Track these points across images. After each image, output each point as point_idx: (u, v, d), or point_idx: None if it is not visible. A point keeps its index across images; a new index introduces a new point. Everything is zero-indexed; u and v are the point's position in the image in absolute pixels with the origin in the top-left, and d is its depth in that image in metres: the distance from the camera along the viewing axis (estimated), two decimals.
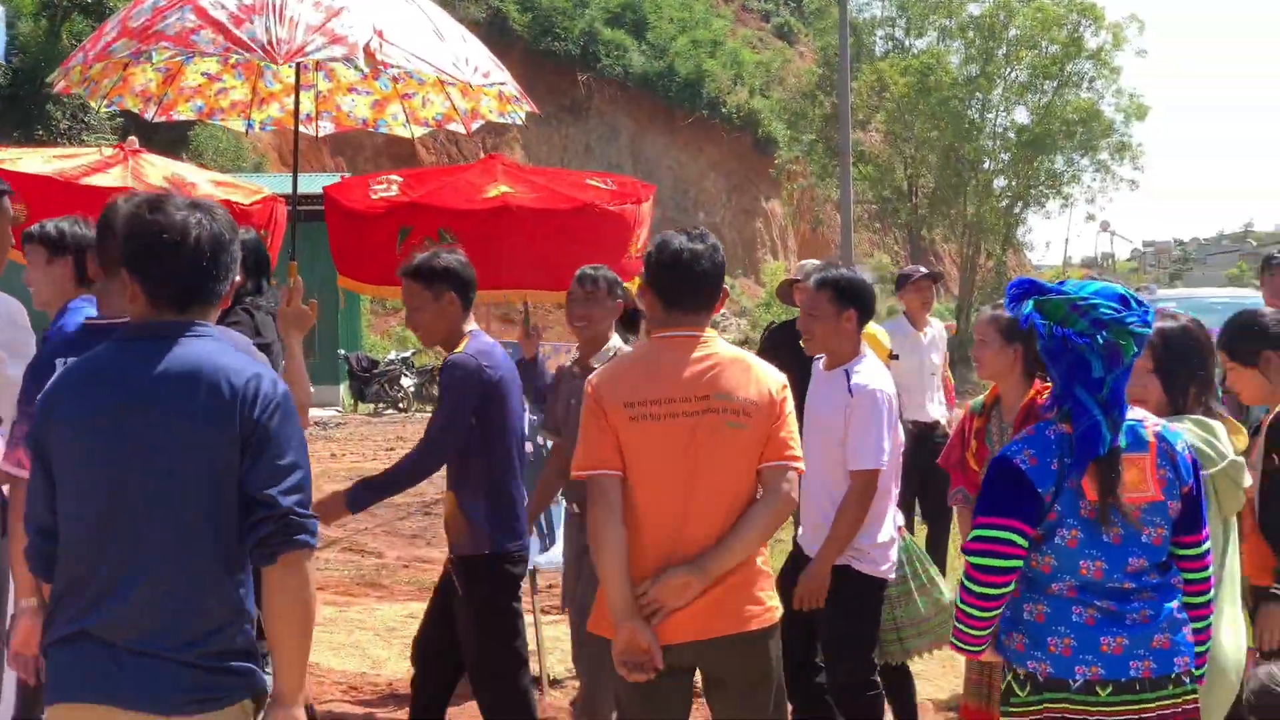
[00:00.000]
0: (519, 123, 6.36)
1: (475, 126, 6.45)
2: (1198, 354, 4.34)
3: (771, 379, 4.27)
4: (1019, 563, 3.66)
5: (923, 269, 9.19)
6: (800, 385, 5.15)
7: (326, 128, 6.62)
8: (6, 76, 23.84)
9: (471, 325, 5.29)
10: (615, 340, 6.15)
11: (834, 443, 5.37)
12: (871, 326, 6.25)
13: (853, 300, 5.44)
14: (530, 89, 7.61)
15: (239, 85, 6.45)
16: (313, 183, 22.70)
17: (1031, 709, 3.68)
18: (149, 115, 6.51)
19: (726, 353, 4.30)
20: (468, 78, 5.86)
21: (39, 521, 3.28)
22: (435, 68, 5.72)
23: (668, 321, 4.25)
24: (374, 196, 7.09)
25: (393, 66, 5.65)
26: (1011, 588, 3.69)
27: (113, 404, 3.16)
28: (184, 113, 6.58)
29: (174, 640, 3.11)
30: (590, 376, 4.34)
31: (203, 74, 6.36)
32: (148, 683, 3.10)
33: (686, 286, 4.23)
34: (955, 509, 5.64)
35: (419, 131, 6.34)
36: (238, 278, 5.93)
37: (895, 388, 5.58)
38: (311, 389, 5.38)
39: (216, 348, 3.24)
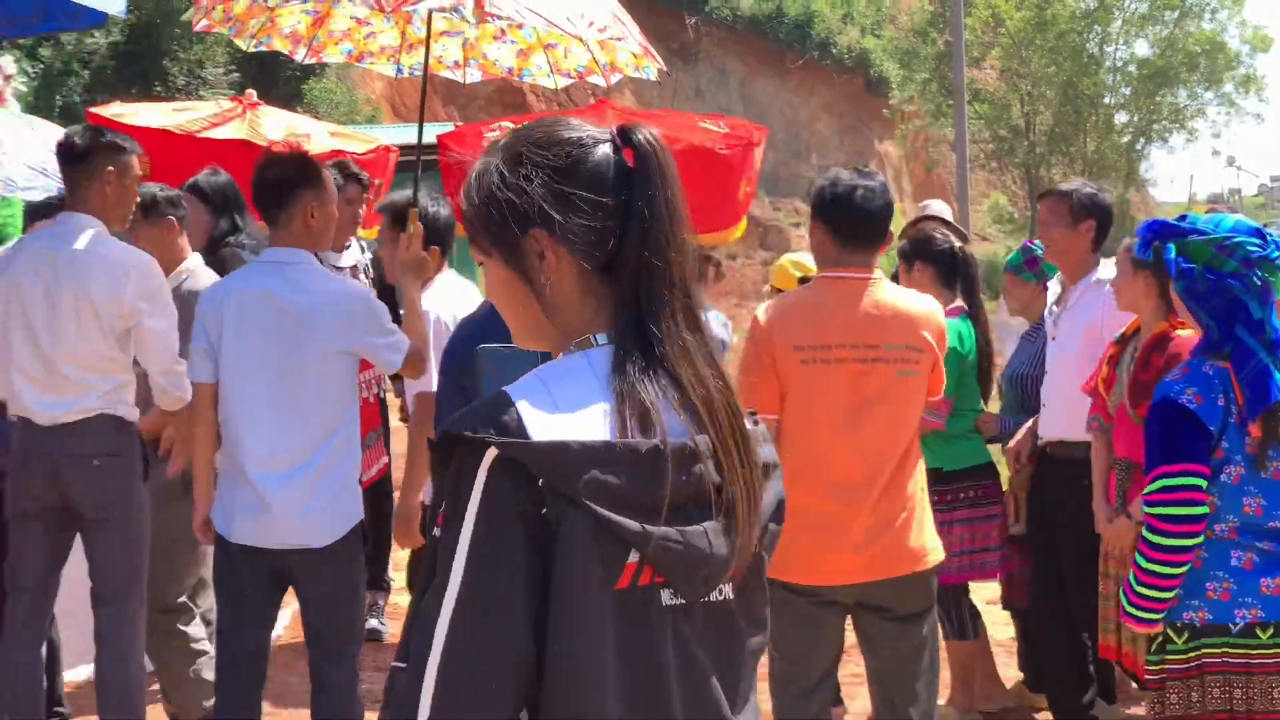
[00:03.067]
0: (651, 78, 6.28)
1: (615, 80, 6.39)
2: None
3: (935, 319, 4.29)
4: (1205, 509, 3.58)
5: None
6: None
7: (474, 75, 6.60)
8: (124, 33, 24.17)
9: None
10: None
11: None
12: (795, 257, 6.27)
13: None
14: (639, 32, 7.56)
15: (388, 29, 6.46)
16: (425, 132, 22.83)
17: (1189, 656, 3.63)
18: (299, 57, 6.52)
19: (896, 295, 4.31)
20: (579, 32, 5.79)
21: None
22: (546, 20, 5.66)
23: (839, 260, 4.24)
24: (487, 143, 7.11)
25: (500, 18, 5.61)
26: (1201, 538, 3.60)
27: None
28: (333, 55, 6.59)
29: None
30: (757, 313, 4.35)
31: (351, 17, 6.36)
32: None
33: (859, 224, 4.22)
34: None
35: (562, 82, 6.30)
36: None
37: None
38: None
39: None
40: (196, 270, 5.80)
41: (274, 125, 7.85)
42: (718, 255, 7.41)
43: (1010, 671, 6.40)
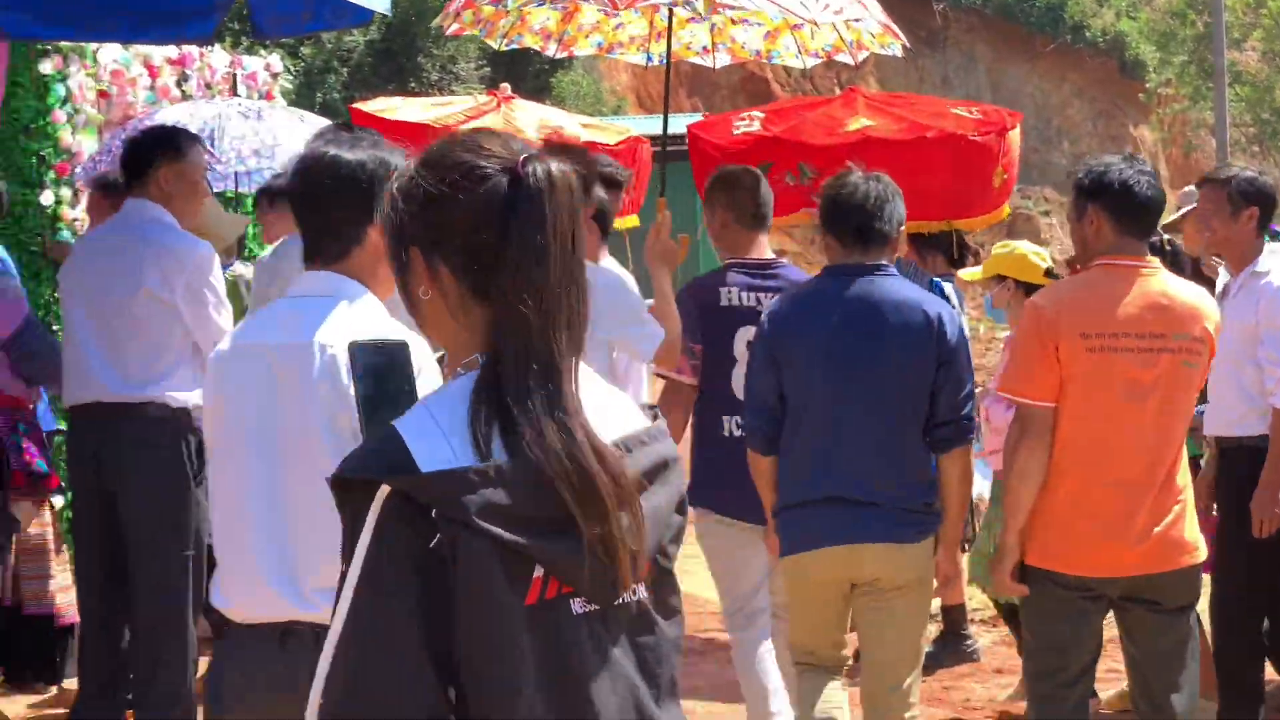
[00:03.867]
0: (897, 54, 6.21)
1: (861, 58, 6.34)
2: None
3: (1211, 310, 4.25)
4: None
5: None
6: None
7: (723, 59, 6.64)
8: (381, 31, 24.89)
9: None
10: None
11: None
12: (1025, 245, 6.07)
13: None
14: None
15: (636, 20, 6.53)
16: (672, 123, 22.98)
17: None
18: (550, 51, 6.65)
19: (1176, 285, 4.27)
20: (814, 15, 5.73)
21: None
22: (779, 6, 5.62)
23: (1118, 248, 4.20)
24: (736, 133, 7.13)
25: (732, 7, 5.59)
26: None
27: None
28: (584, 48, 6.72)
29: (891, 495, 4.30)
30: (1035, 299, 4.35)
31: (599, 10, 6.46)
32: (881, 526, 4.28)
33: (1139, 212, 4.19)
34: None
35: (810, 63, 6.30)
36: None
37: None
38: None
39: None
40: None
41: (528, 118, 7.99)
42: (974, 243, 7.29)
43: None
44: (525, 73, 24.57)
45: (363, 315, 2.97)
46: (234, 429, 3.05)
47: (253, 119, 7.65)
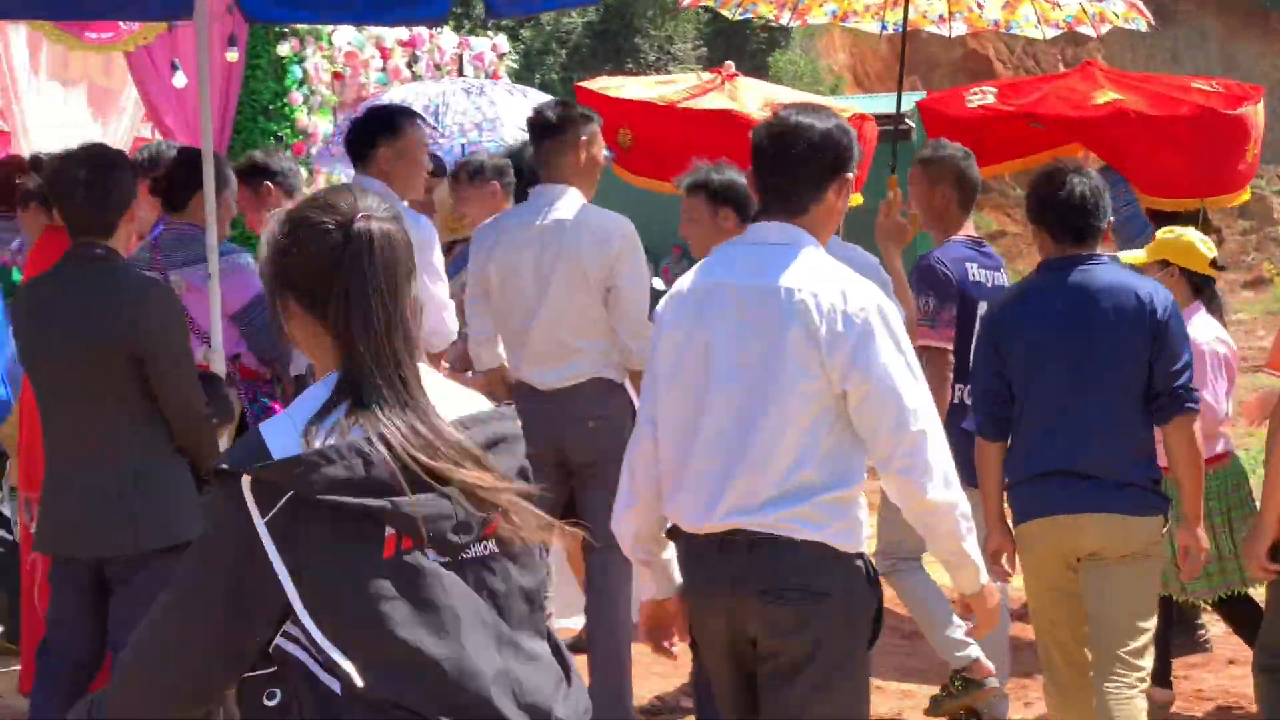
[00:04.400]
0: (1142, 29, 6.00)
1: (1104, 30, 6.14)
2: None
3: None
4: None
5: None
6: None
7: (959, 28, 6.51)
8: (598, 12, 25.08)
9: None
10: None
11: None
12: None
13: None
14: None
15: None
16: (888, 103, 22.68)
17: None
18: (784, 20, 6.62)
19: None
20: None
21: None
22: None
23: None
24: (971, 105, 6.98)
25: None
26: None
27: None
28: (818, 16, 6.65)
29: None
30: None
31: None
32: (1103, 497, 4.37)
33: None
34: None
35: (1050, 33, 6.14)
36: None
37: None
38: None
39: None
40: None
41: (752, 96, 7.91)
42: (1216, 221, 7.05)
43: None
44: (743, 52, 24.47)
45: (818, 262, 3.43)
46: (698, 359, 3.46)
47: (475, 95, 7.76)
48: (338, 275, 2.29)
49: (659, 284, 24.59)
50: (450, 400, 2.38)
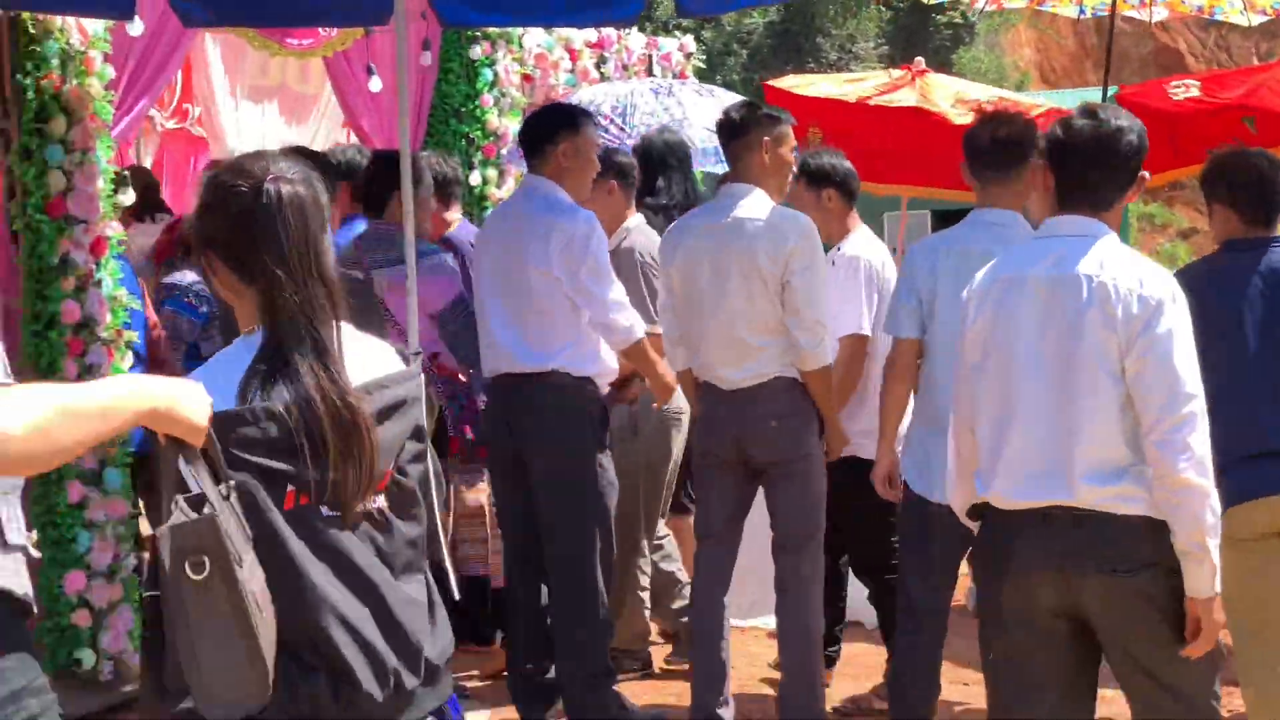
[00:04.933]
0: None
1: None
2: None
3: None
4: None
5: None
6: None
7: (1160, 14, 6.31)
8: (779, 12, 25.03)
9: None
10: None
11: None
12: None
13: None
14: None
15: None
16: (1077, 98, 22.22)
17: None
18: (979, 6, 6.48)
19: None
20: None
21: None
22: None
23: None
24: (1176, 98, 6.80)
25: None
26: None
27: None
28: (1014, 2, 6.49)
29: None
30: None
31: None
32: None
33: None
34: None
35: (1256, 20, 5.94)
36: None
37: None
38: None
39: None
40: (636, 228, 6.04)
41: (943, 93, 7.83)
42: None
43: None
44: (925, 50, 24.16)
45: (1117, 251, 3.60)
46: (1004, 347, 3.63)
47: (663, 95, 7.76)
48: (253, 233, 2.55)
49: None
50: (364, 362, 2.66)
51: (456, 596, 5.22)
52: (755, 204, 5.16)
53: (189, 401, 2.32)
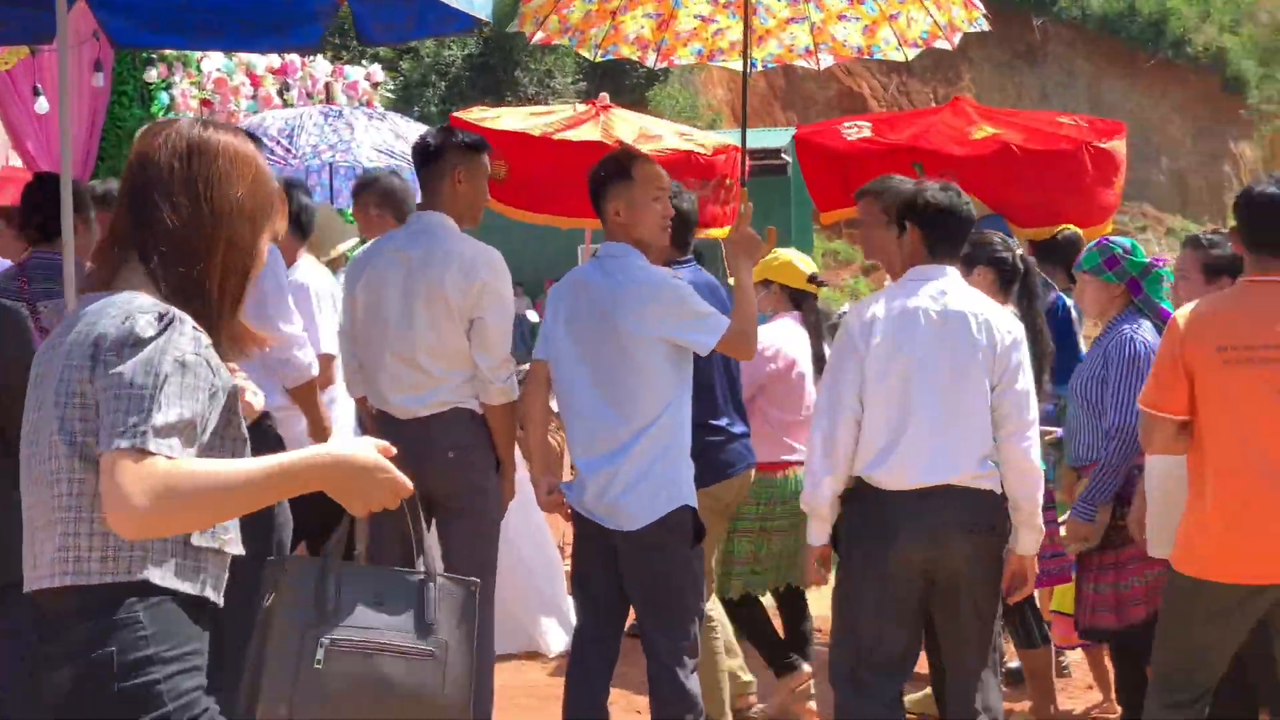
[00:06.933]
0: (984, 28, 6.03)
1: (956, 39, 6.17)
2: None
3: None
4: None
5: None
6: None
7: (826, 60, 6.43)
8: (478, 45, 25.06)
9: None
10: None
11: None
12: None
13: None
14: (983, 35, 7.36)
15: (734, 25, 6.34)
16: (764, 138, 22.88)
17: None
18: (649, 62, 6.49)
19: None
20: None
21: None
22: None
23: (1261, 266, 4.28)
24: (849, 138, 7.04)
25: None
26: None
27: None
28: (684, 57, 6.54)
29: None
30: (1178, 314, 4.43)
31: (695, 16, 6.31)
32: None
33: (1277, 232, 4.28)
34: None
35: (911, 54, 6.09)
36: None
37: None
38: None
39: None
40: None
41: (626, 128, 7.92)
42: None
43: None
44: (622, 86, 24.59)
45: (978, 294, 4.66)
46: (897, 366, 4.49)
47: (332, 118, 7.68)
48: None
49: (533, 316, 24.27)
50: None
51: None
52: (443, 233, 5.09)
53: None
